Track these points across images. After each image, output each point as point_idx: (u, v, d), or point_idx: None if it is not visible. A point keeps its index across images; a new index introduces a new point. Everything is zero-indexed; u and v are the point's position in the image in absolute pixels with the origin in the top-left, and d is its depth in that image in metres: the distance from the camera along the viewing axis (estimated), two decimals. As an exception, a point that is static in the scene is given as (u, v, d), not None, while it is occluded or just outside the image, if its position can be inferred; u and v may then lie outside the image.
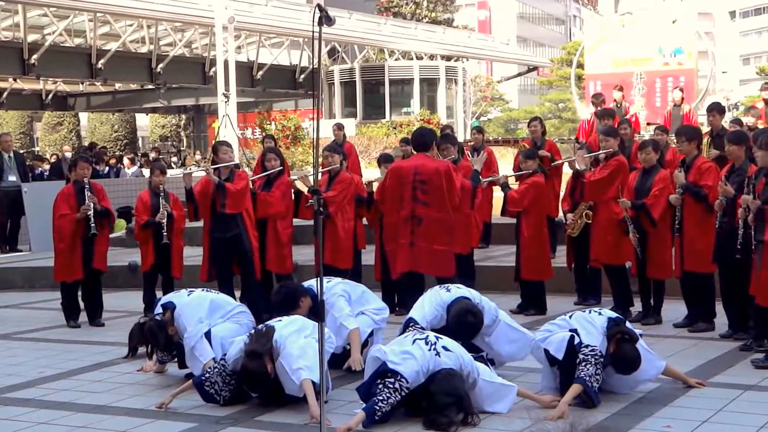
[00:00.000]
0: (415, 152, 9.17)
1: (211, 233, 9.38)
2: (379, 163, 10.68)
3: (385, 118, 32.38)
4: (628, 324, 6.51)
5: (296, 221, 10.14)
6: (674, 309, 8.99)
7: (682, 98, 16.89)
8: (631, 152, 11.13)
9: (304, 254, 11.51)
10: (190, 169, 9.62)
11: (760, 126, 12.92)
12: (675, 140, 9.64)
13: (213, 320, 7.22)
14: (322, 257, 7.52)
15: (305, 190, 9.94)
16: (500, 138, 26.61)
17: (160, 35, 31.92)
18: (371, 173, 10.65)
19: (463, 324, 6.64)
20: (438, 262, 8.73)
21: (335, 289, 7.17)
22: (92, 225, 9.75)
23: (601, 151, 9.58)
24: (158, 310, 7.32)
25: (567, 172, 10.64)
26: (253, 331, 6.53)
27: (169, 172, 9.59)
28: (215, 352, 6.94)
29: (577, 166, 9.64)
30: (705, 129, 12.53)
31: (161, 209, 9.96)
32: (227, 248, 9.35)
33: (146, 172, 17.92)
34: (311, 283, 7.28)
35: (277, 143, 15.49)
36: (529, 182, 9.63)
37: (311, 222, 9.99)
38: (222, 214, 9.24)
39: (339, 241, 9.54)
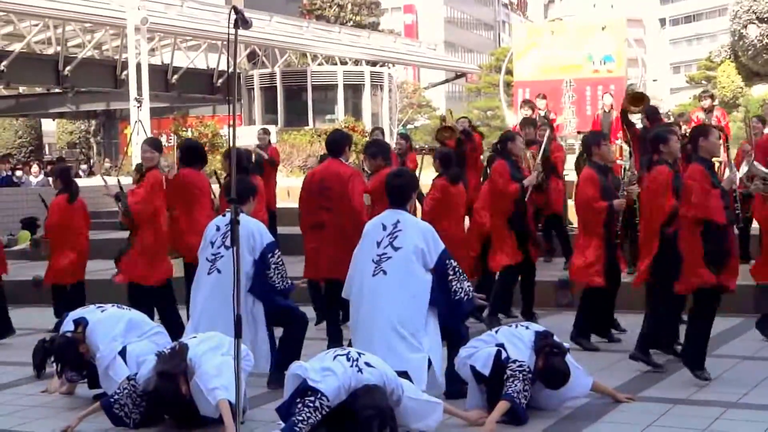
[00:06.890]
0: (329, 157, 8.87)
1: None
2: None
3: (308, 125, 31.90)
4: (555, 337, 6.35)
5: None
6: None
7: (612, 105, 16.67)
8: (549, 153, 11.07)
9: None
10: None
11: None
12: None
13: (129, 339, 6.81)
14: None
15: None
16: (427, 146, 26.32)
17: (68, 36, 30.63)
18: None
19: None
20: (338, 267, 8.49)
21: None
22: None
23: None
24: (69, 326, 6.90)
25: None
26: (164, 350, 6.19)
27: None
28: (131, 371, 6.54)
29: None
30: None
31: None
32: None
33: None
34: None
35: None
36: None
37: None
38: None
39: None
